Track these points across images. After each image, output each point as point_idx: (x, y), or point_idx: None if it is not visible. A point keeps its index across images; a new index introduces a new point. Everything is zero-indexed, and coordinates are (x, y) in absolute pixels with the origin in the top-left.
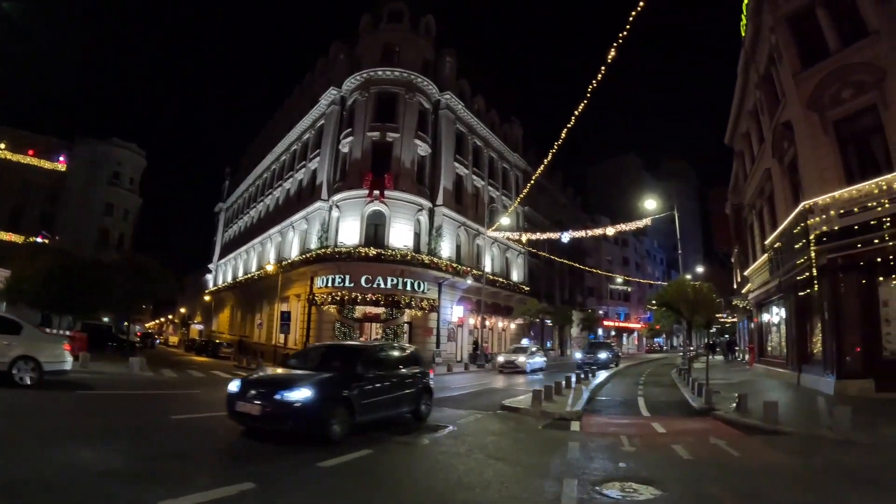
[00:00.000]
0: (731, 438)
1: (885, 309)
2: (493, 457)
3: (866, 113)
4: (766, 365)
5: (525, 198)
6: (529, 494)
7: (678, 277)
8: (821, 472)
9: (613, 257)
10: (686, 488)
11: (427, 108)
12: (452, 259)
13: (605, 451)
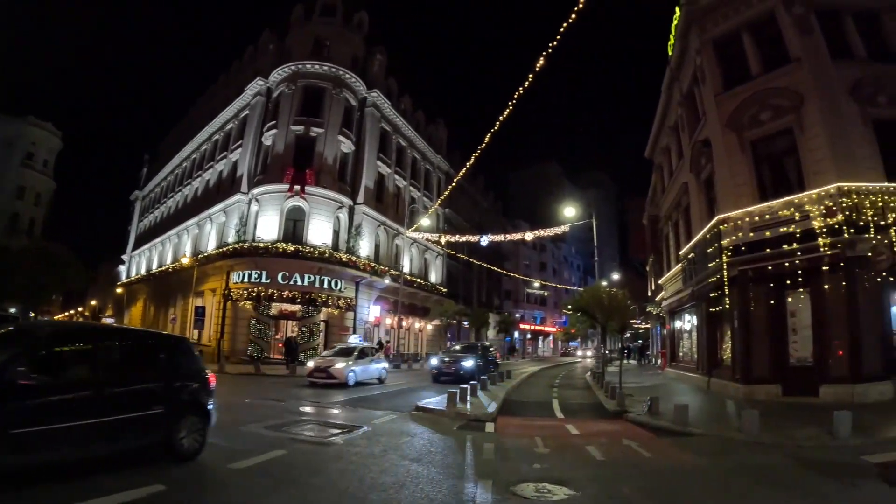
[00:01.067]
0: (643, 440)
1: (793, 319)
2: (407, 458)
3: (783, 135)
4: (678, 370)
5: (446, 200)
6: (444, 495)
7: (594, 283)
8: (729, 472)
9: (531, 262)
10: (599, 488)
11: (353, 105)
12: (371, 258)
13: (520, 453)
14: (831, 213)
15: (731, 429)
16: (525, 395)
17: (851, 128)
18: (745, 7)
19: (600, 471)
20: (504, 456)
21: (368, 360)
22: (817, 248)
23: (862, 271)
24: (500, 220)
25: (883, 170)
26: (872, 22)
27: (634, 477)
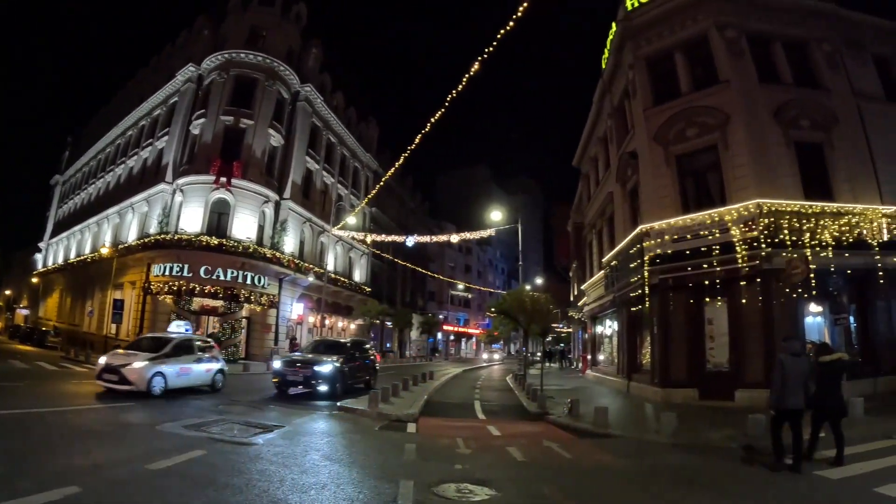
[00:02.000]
0: (564, 441)
1: (710, 326)
2: (328, 458)
3: (707, 151)
4: (599, 373)
5: (374, 199)
6: (365, 496)
7: (518, 287)
8: (648, 473)
9: (457, 264)
10: (520, 489)
11: (285, 98)
12: (295, 255)
13: (442, 453)
14: (750, 227)
15: (649, 431)
16: (447, 396)
17: (774, 148)
18: (680, 27)
19: (521, 471)
20: (426, 456)
21: (191, 358)
22: (735, 260)
23: (777, 284)
24: (426, 221)
25: (801, 189)
26: (800, 49)
27: (555, 477)
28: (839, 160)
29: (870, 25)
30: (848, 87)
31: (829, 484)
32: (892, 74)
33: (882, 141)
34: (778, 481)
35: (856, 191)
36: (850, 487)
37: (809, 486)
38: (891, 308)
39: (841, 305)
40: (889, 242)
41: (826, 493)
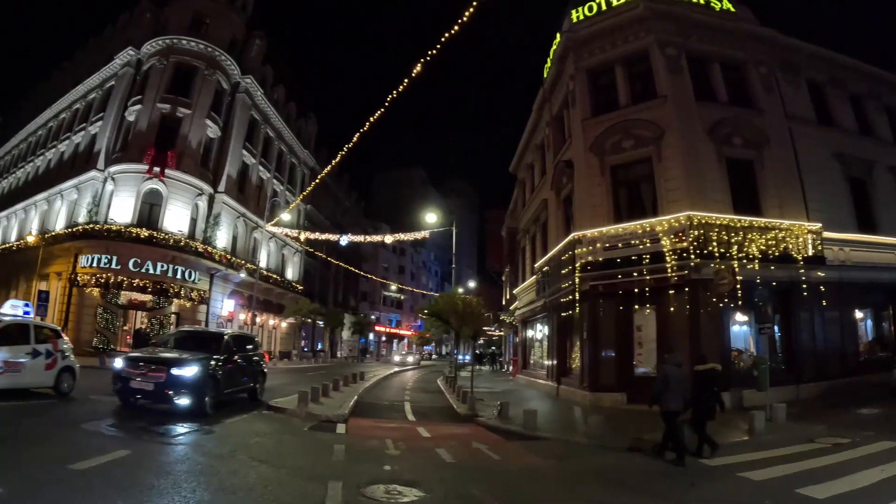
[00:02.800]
0: (493, 443)
1: (639, 333)
2: (257, 459)
3: (642, 163)
4: (529, 376)
5: (309, 196)
6: (293, 497)
7: (451, 289)
8: (575, 474)
9: (390, 265)
10: (448, 490)
11: (225, 89)
12: (228, 250)
13: (371, 454)
14: (680, 238)
15: (577, 433)
16: (378, 397)
17: (706, 163)
18: (622, 42)
19: (450, 472)
20: (355, 457)
21: (22, 350)
22: (665, 269)
23: (705, 293)
24: (361, 221)
25: (731, 203)
26: (738, 70)
27: (483, 478)
28: (768, 177)
29: (806, 52)
30: (781, 109)
31: (751, 485)
32: (824, 99)
33: (810, 161)
34: (702, 483)
35: (783, 207)
36: (771, 488)
37: (732, 487)
38: (813, 319)
39: (766, 316)
40: (813, 257)
41: (749, 493)
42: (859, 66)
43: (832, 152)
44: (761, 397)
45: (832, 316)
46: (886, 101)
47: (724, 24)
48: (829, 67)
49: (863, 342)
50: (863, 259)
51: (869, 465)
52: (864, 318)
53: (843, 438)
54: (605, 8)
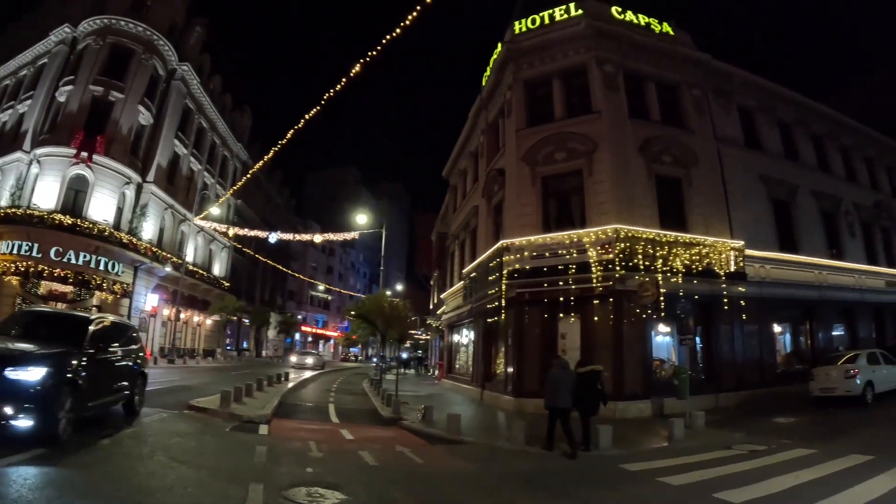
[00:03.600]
0: (416, 447)
1: (563, 341)
2: (177, 459)
3: (573, 175)
4: (454, 381)
5: (240, 191)
6: (213, 499)
7: (378, 292)
8: (498, 479)
9: (319, 265)
10: (371, 493)
11: (161, 75)
12: (154, 242)
13: (293, 456)
14: (607, 250)
15: (500, 438)
16: (302, 398)
17: (635, 178)
18: (562, 56)
19: (373, 475)
20: (277, 459)
21: None
22: (591, 279)
23: (629, 304)
24: (292, 219)
25: (658, 218)
26: (672, 91)
27: (406, 482)
28: (695, 195)
29: (739, 78)
30: (711, 131)
31: (670, 490)
32: (753, 124)
33: (736, 182)
34: (622, 487)
35: (708, 224)
36: (690, 493)
37: (652, 491)
38: (733, 332)
39: (687, 327)
40: (735, 273)
41: (667, 498)
42: (788, 94)
43: (758, 174)
44: (682, 405)
45: (752, 329)
46: (812, 129)
47: (662, 47)
48: (759, 94)
49: (781, 355)
50: (783, 277)
51: (784, 472)
52: (782, 332)
53: (759, 445)
54: (547, 22)
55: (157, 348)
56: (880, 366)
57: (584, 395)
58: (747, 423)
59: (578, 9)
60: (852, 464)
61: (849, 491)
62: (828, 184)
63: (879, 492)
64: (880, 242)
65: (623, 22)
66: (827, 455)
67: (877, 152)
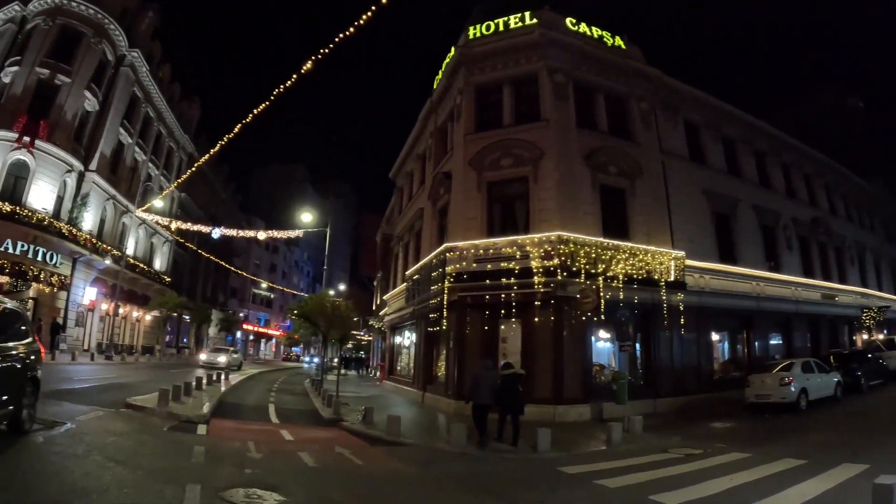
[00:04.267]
0: (356, 448)
1: (504, 344)
2: (113, 459)
3: (518, 182)
4: (396, 382)
5: (185, 184)
6: (150, 500)
7: (321, 291)
8: (437, 480)
9: (262, 262)
10: (309, 494)
11: (109, 61)
12: (94, 234)
13: (232, 457)
14: (549, 256)
15: (440, 440)
16: (242, 398)
17: (580, 187)
18: (514, 64)
19: (312, 477)
20: (215, 460)
21: None
22: (533, 284)
23: (570, 310)
24: (236, 214)
25: (601, 227)
26: (620, 103)
27: (345, 483)
28: (639, 206)
29: (686, 94)
30: (657, 144)
31: (607, 492)
32: (698, 139)
33: (680, 194)
34: (560, 489)
35: (650, 234)
36: (627, 495)
37: (589, 493)
38: (672, 340)
39: (627, 334)
40: (675, 282)
41: (604, 500)
42: (733, 112)
43: (701, 188)
44: (620, 410)
45: (690, 337)
46: (755, 146)
47: (613, 59)
48: (705, 110)
49: (719, 362)
50: (722, 287)
51: (719, 475)
52: (720, 341)
53: (695, 449)
54: (502, 29)
55: (95, 344)
56: (814, 374)
57: (506, 395)
58: (684, 428)
59: (533, 18)
60: (786, 467)
61: (782, 493)
62: (768, 199)
63: (811, 494)
64: (817, 257)
65: (576, 33)
66: (761, 459)
67: (816, 170)
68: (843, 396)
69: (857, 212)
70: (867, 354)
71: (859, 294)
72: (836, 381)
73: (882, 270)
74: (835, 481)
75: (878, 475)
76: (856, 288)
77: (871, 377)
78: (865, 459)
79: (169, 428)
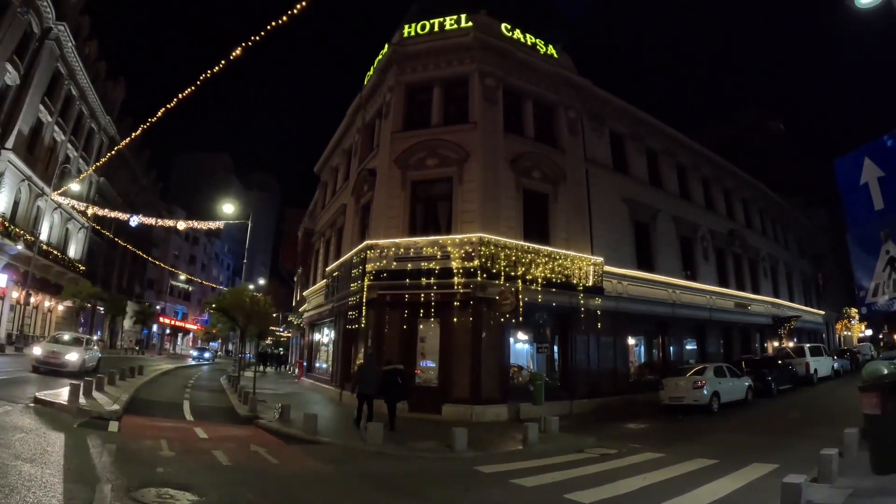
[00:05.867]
0: (272, 446)
1: (423, 344)
2: (19, 457)
3: (443, 182)
4: (314, 380)
5: (104, 167)
6: (58, 501)
7: (241, 285)
8: (354, 479)
9: (182, 253)
10: (223, 494)
11: (34, 33)
12: (6, 217)
13: (144, 455)
14: (470, 257)
15: (357, 439)
16: (156, 393)
17: (504, 191)
18: (446, 65)
19: (226, 476)
20: (127, 458)
21: None
22: (453, 285)
23: (489, 311)
24: (157, 203)
25: (522, 230)
26: (548, 111)
27: (260, 483)
28: (561, 212)
29: (613, 105)
30: (582, 152)
31: (523, 491)
32: (623, 149)
33: (601, 202)
34: (476, 488)
35: (570, 240)
36: (543, 493)
37: (505, 493)
38: (589, 343)
39: (545, 336)
40: (593, 287)
41: (520, 499)
42: (658, 125)
43: (623, 197)
44: (536, 410)
45: (607, 340)
46: (678, 159)
47: (544, 67)
48: (631, 122)
49: (634, 365)
50: (639, 293)
51: (633, 474)
52: (637, 345)
53: (610, 449)
54: (437, 30)
55: (5, 334)
56: (726, 378)
57: (388, 387)
58: (600, 429)
59: (469, 21)
60: (698, 467)
61: (694, 492)
62: (687, 210)
63: (722, 493)
64: (732, 267)
65: (510, 39)
66: (674, 459)
67: (735, 185)
68: (754, 400)
69: (773, 227)
70: (777, 361)
71: (771, 304)
72: (748, 386)
73: (794, 283)
74: (745, 480)
75: (786, 474)
76: (768, 298)
77: (782, 382)
78: (775, 459)
79: (79, 424)
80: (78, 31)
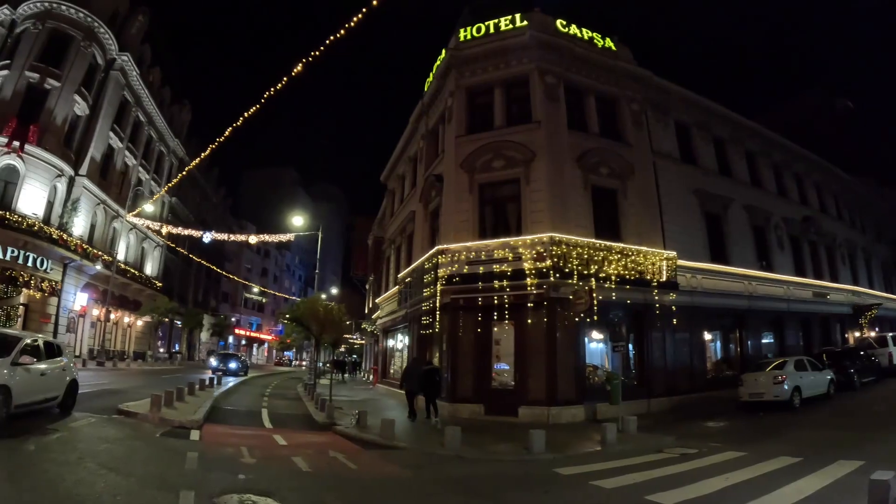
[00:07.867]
0: (350, 452)
1: (497, 347)
2: (105, 466)
3: (510, 184)
4: (389, 386)
5: (175, 188)
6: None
7: (313, 295)
8: (431, 484)
9: (254, 266)
10: (304, 499)
11: (99, 65)
12: (84, 239)
13: (225, 463)
14: (542, 258)
15: (434, 444)
16: (234, 402)
17: (572, 188)
18: (505, 66)
19: (306, 482)
20: (209, 466)
21: None
22: (526, 286)
23: (563, 311)
24: (227, 219)
25: (593, 228)
26: (611, 105)
27: (339, 488)
28: (630, 206)
29: (677, 94)
30: (648, 145)
31: (603, 493)
32: (689, 139)
33: (671, 195)
34: (555, 491)
35: (642, 234)
36: (623, 495)
37: (584, 494)
38: (664, 339)
39: (620, 334)
40: (666, 282)
41: (600, 501)
42: (723, 112)
43: (692, 188)
44: (614, 410)
45: (683, 337)
46: (746, 146)
47: (604, 61)
48: (696, 110)
49: (711, 361)
50: (713, 286)
51: (715, 474)
52: (713, 340)
53: (690, 449)
54: (492, 31)
55: (87, 350)
56: (807, 372)
57: (426, 384)
58: (678, 428)
59: (524, 20)
60: (781, 465)
61: (778, 491)
62: (759, 199)
63: (808, 492)
64: (807, 255)
65: (567, 35)
66: (756, 457)
67: (806, 169)
68: (836, 394)
69: (848, 211)
70: (859, 352)
71: (850, 292)
72: (829, 379)
73: (872, 269)
74: (830, 478)
75: (873, 471)
76: (847, 286)
77: (864, 374)
78: (860, 456)
79: (161, 434)
80: (141, 60)
